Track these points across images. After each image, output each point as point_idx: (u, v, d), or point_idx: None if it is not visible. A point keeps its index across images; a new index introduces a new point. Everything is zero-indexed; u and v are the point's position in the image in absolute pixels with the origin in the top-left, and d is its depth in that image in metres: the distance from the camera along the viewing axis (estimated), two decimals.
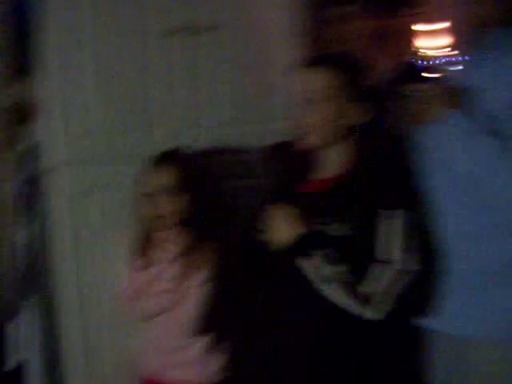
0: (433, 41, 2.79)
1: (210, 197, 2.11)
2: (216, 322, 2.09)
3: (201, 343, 2.08)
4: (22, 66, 2.13)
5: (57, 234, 2.14)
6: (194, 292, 2.04)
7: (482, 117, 1.59)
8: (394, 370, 1.75)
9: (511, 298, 1.64)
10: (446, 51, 2.42)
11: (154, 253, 2.10)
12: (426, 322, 1.77)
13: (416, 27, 2.89)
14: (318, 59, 1.79)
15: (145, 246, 2.10)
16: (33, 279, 2.28)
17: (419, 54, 2.90)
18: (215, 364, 2.10)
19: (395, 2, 2.65)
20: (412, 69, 2.33)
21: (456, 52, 1.87)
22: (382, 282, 1.62)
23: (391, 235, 1.64)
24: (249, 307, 2.11)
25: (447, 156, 1.62)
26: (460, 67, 1.79)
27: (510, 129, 1.56)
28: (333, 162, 1.77)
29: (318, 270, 1.65)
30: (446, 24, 2.38)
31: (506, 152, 1.54)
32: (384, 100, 1.77)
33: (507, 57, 1.62)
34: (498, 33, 1.64)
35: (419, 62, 2.85)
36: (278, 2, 2.39)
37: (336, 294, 1.64)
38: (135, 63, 2.19)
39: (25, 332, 2.31)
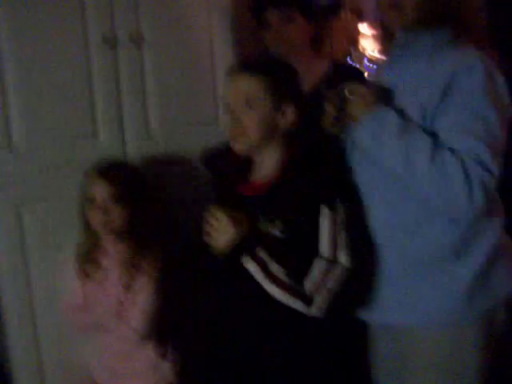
0: (362, 44, 2.88)
1: (151, 205, 2.12)
2: (165, 327, 2.11)
3: (149, 351, 2.10)
4: None
5: (2, 248, 2.12)
6: (140, 300, 2.05)
7: (404, 115, 1.66)
8: (336, 364, 1.79)
9: (440, 285, 1.70)
10: (374, 52, 2.49)
11: (98, 262, 2.10)
12: (363, 313, 1.82)
13: (346, 31, 2.97)
14: (246, 65, 1.82)
15: (89, 255, 2.10)
16: None
17: (349, 56, 2.98)
18: (166, 370, 2.12)
19: (326, 6, 2.71)
20: (341, 71, 2.39)
21: (382, 53, 1.94)
22: (321, 278, 1.67)
23: (327, 232, 1.68)
24: (196, 311, 2.14)
25: (372, 152, 1.69)
26: (384, 68, 1.87)
27: (427, 126, 1.64)
28: (268, 164, 1.82)
29: (259, 269, 1.68)
30: (374, 28, 2.46)
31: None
32: (315, 101, 1.82)
33: (426, 57, 1.70)
34: (417, 34, 1.72)
35: (348, 64, 2.93)
36: (212, 8, 2.43)
37: (278, 293, 1.68)
38: (77, 73, 2.17)
39: None
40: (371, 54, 2.99)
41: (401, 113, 1.66)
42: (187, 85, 2.39)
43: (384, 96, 1.72)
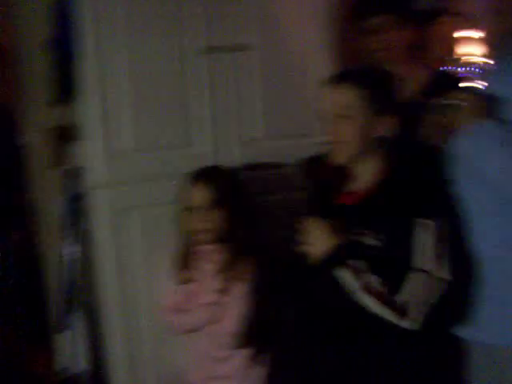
0: (465, 49, 2.76)
1: (248, 211, 2.13)
2: (257, 334, 2.12)
3: (242, 355, 2.12)
4: (66, 89, 2.20)
5: (99, 252, 2.20)
6: (235, 305, 2.07)
7: (508, 124, 1.60)
8: (433, 380, 1.76)
9: None
10: (478, 60, 2.39)
11: (195, 267, 2.14)
12: (460, 330, 1.77)
13: (448, 36, 2.87)
14: (343, 76, 1.81)
15: (186, 260, 2.14)
16: (78, 294, 2.35)
17: (451, 62, 2.88)
18: (256, 376, 2.13)
19: (427, 11, 2.65)
20: (444, 78, 2.32)
21: (487, 60, 1.87)
22: (417, 290, 1.64)
23: (425, 244, 1.65)
24: (288, 319, 2.14)
25: (478, 165, 1.63)
26: (490, 76, 1.80)
27: None
28: (365, 174, 1.80)
29: (354, 280, 1.67)
30: (478, 32, 2.36)
31: None
32: (415, 111, 1.78)
33: None
34: None
35: (451, 70, 2.83)
36: (310, 18, 2.43)
37: (372, 304, 1.66)
38: (173, 81, 2.23)
39: (71, 345, 2.38)
40: (470, 59, 2.88)
41: (505, 122, 1.60)
42: (282, 94, 2.41)
43: (488, 104, 1.66)
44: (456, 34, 2.96)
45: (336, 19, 2.46)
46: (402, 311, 1.64)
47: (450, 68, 2.93)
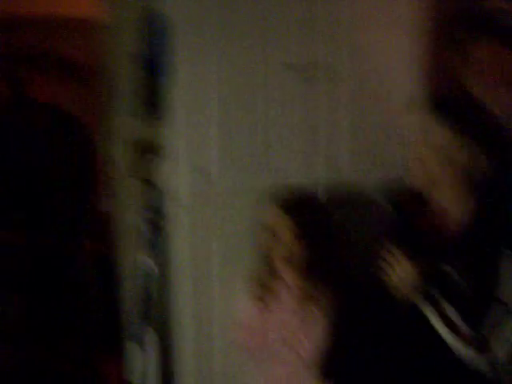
0: None
1: (330, 240, 2.11)
2: (333, 362, 2.09)
3: (315, 383, 2.09)
4: (151, 104, 2.23)
5: (178, 269, 2.21)
6: (313, 331, 2.05)
7: None
8: None
9: None
10: None
11: (274, 288, 2.13)
12: None
13: None
14: (435, 107, 1.76)
15: (264, 283, 2.13)
16: (151, 309, 2.36)
17: None
18: None
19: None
20: None
21: None
22: (501, 326, 1.59)
23: (510, 277, 1.61)
24: (365, 346, 2.10)
25: None
26: None
27: None
28: (457, 209, 1.75)
29: (434, 310, 1.65)
30: None
31: None
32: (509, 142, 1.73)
33: None
34: None
35: None
36: (396, 44, 2.37)
37: (451, 336, 1.63)
38: (258, 98, 2.23)
39: (141, 359, 2.40)
40: None
41: None
42: (368, 120, 2.35)
43: None
44: None
45: (426, 35, 2.39)
46: (482, 347, 1.60)
47: None
